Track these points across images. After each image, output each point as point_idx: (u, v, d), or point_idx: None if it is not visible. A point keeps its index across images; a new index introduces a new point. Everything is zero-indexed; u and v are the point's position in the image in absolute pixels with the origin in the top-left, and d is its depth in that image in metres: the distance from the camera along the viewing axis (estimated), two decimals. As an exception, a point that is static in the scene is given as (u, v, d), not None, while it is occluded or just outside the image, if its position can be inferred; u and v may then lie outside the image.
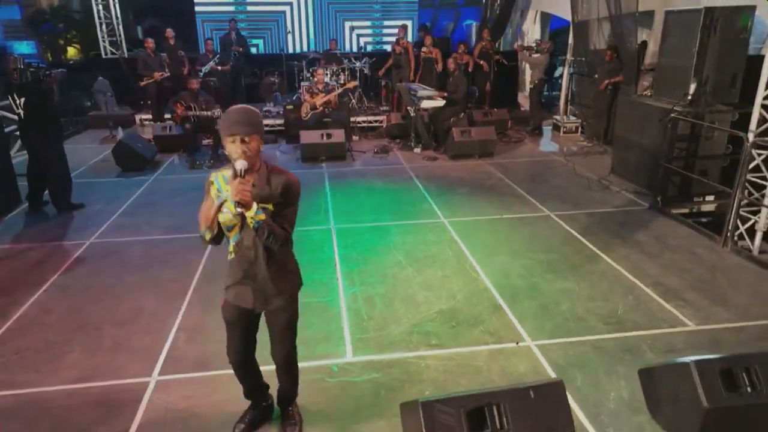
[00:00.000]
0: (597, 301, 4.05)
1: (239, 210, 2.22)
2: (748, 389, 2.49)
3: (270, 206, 2.36)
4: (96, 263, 4.79)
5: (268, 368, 2.90)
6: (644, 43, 9.16)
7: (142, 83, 9.56)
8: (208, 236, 2.44)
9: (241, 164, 2.24)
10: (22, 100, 5.53)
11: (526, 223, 5.63)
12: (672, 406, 2.68)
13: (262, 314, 2.67)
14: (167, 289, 4.29)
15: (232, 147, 2.28)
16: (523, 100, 12.63)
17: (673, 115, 5.63)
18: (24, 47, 21.16)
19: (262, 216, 2.27)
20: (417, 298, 4.14)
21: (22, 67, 5.31)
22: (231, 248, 2.49)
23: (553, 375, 3.22)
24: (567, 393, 2.47)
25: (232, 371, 3.18)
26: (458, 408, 2.29)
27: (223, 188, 2.39)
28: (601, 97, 8.82)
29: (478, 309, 3.97)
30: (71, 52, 16.20)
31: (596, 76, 9.05)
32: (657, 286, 4.25)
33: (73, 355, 3.45)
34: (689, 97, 5.87)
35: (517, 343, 3.54)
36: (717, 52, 5.86)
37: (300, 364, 3.21)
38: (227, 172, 2.40)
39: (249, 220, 2.28)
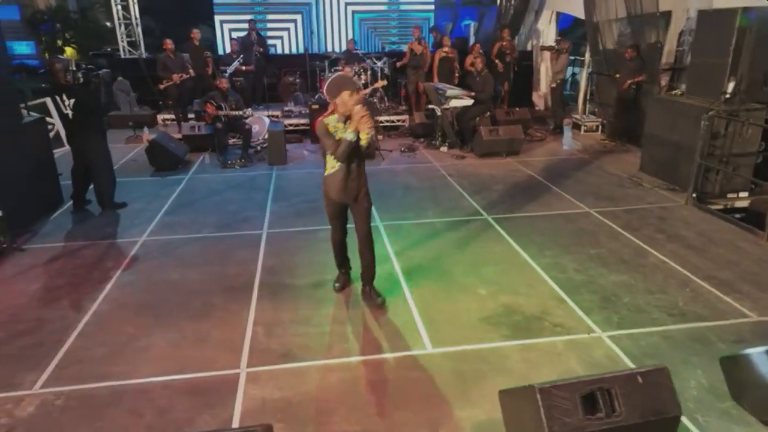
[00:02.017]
0: (656, 294, 4.17)
1: (371, 133, 3.58)
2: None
3: None
4: (155, 260, 4.85)
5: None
6: (659, 43, 9.31)
7: (162, 86, 9.47)
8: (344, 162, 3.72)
9: (360, 106, 3.51)
10: (72, 101, 5.58)
11: (568, 219, 5.75)
12: (761, 391, 2.79)
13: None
14: (232, 285, 4.36)
15: (350, 98, 3.52)
16: (537, 99, 12.79)
17: (711, 113, 5.77)
18: (24, 47, 21.07)
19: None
20: (480, 291, 4.24)
21: (74, 69, 5.36)
22: (335, 164, 3.73)
23: (630, 364, 3.33)
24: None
25: (319, 362, 3.32)
26: (573, 393, 2.39)
27: (337, 126, 3.61)
28: (623, 96, 8.96)
29: (542, 302, 4.08)
30: (69, 52, 16.22)
31: (617, 75, 9.19)
32: (710, 279, 4.38)
33: (158, 347, 3.52)
34: (726, 96, 6.00)
35: (589, 334, 3.65)
36: (751, 51, 6.00)
37: (384, 356, 3.35)
38: (331, 117, 3.63)
39: (365, 140, 3.61)
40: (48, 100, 8.64)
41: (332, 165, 3.76)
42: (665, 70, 9.30)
